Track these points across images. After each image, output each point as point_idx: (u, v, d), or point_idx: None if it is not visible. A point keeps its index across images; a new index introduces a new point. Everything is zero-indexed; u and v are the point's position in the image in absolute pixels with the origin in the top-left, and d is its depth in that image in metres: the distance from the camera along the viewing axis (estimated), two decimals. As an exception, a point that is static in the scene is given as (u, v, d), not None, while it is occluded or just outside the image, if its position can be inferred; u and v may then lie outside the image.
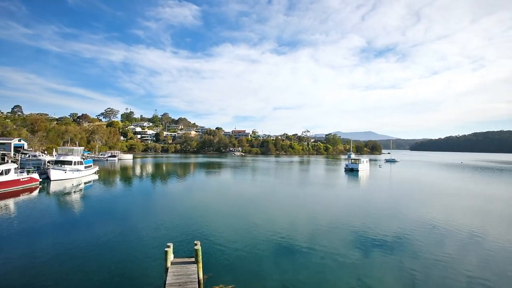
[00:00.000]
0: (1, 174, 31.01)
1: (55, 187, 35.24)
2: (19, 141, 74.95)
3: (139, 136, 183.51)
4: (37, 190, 32.52)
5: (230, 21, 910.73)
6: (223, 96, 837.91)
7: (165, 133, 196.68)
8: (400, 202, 29.15)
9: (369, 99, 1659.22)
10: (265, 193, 34.08)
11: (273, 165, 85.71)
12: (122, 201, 28.36)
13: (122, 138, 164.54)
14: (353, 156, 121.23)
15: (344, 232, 18.42)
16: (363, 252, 14.95)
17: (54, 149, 73.33)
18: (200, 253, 10.54)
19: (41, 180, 37.38)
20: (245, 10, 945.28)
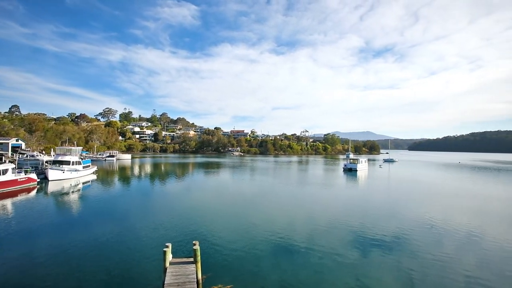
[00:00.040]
0: (-2, 174, 30.88)
1: (53, 187, 35.11)
2: (16, 141, 74.71)
3: (137, 136, 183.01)
4: (35, 191, 32.38)
5: (228, 21, 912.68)
6: (221, 96, 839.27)
7: (163, 133, 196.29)
8: (399, 202, 29.26)
9: (368, 99, 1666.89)
10: (263, 193, 34.10)
11: (272, 165, 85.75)
12: (120, 201, 28.31)
13: (120, 138, 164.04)
14: (351, 156, 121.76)
15: (342, 232, 18.47)
16: (362, 252, 15.00)
17: (52, 149, 73.00)
18: (198, 253, 10.56)
19: (39, 180, 37.24)
20: (243, 10, 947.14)
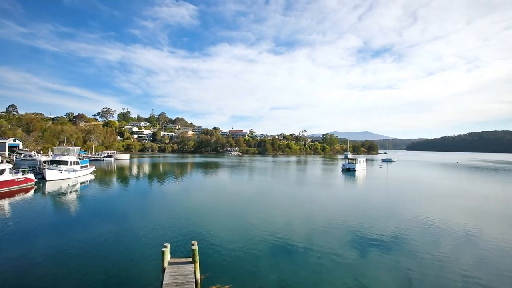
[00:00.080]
0: (-5, 174, 30.72)
1: (50, 187, 34.94)
2: (14, 140, 74.27)
3: (136, 136, 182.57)
4: (32, 191, 32.21)
5: (227, 21, 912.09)
6: (220, 96, 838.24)
7: (162, 133, 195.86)
8: (397, 202, 29.36)
9: (366, 99, 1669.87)
10: (262, 193, 34.12)
11: (270, 165, 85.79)
12: (118, 201, 28.23)
13: (118, 138, 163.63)
14: (350, 156, 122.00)
15: (341, 232, 18.52)
16: (360, 252, 15.05)
17: (49, 149, 72.74)
18: (197, 253, 10.54)
19: (36, 180, 37.02)
20: (242, 10, 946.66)
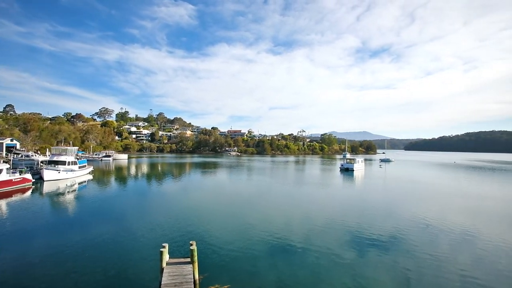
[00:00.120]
0: (-8, 174, 30.56)
1: (48, 187, 34.78)
2: (11, 140, 73.92)
3: (134, 136, 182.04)
4: (30, 191, 32.06)
5: (226, 21, 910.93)
6: (218, 96, 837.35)
7: (160, 133, 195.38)
8: (395, 202, 29.49)
9: (364, 99, 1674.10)
10: (260, 193, 34.15)
11: (269, 165, 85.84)
12: (116, 201, 28.15)
13: (117, 138, 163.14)
14: (348, 156, 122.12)
15: (339, 232, 18.58)
16: (358, 252, 15.11)
17: (47, 149, 72.37)
18: (195, 253, 10.56)
19: (34, 180, 36.88)
20: (241, 10, 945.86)
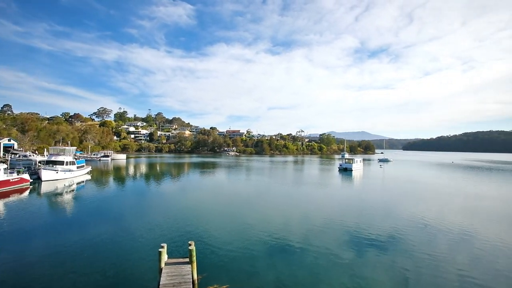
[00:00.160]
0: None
1: (46, 187, 34.65)
2: (9, 140, 73.57)
3: (132, 136, 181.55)
4: (27, 191, 31.92)
5: (224, 21, 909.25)
6: (217, 95, 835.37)
7: (159, 133, 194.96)
8: (393, 202, 29.60)
9: (363, 99, 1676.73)
10: (259, 193, 34.18)
11: (268, 165, 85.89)
12: (115, 201, 28.09)
13: (115, 138, 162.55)
14: (347, 156, 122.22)
15: (338, 232, 18.64)
16: (357, 252, 15.16)
17: (45, 149, 72.05)
18: (194, 253, 10.56)
19: (32, 180, 36.70)
20: (239, 10, 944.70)
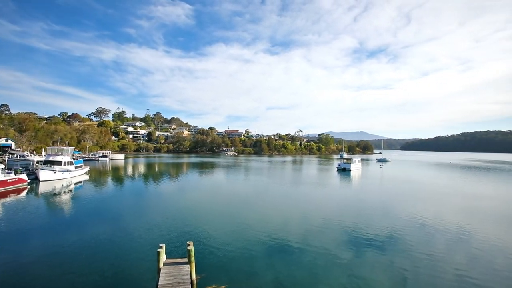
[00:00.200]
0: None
1: (44, 188, 34.50)
2: (6, 140, 73.23)
3: (131, 136, 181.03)
4: (25, 191, 31.76)
5: (223, 21, 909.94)
6: (216, 95, 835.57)
7: (157, 133, 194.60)
8: (391, 202, 29.68)
9: (361, 99, 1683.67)
10: (258, 193, 34.18)
11: (266, 165, 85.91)
12: (113, 202, 28.01)
13: (113, 138, 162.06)
14: (345, 156, 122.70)
15: (336, 232, 18.67)
16: (355, 252, 15.20)
17: (43, 149, 71.73)
18: (193, 254, 10.55)
19: (29, 181, 36.50)
20: (238, 10, 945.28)
